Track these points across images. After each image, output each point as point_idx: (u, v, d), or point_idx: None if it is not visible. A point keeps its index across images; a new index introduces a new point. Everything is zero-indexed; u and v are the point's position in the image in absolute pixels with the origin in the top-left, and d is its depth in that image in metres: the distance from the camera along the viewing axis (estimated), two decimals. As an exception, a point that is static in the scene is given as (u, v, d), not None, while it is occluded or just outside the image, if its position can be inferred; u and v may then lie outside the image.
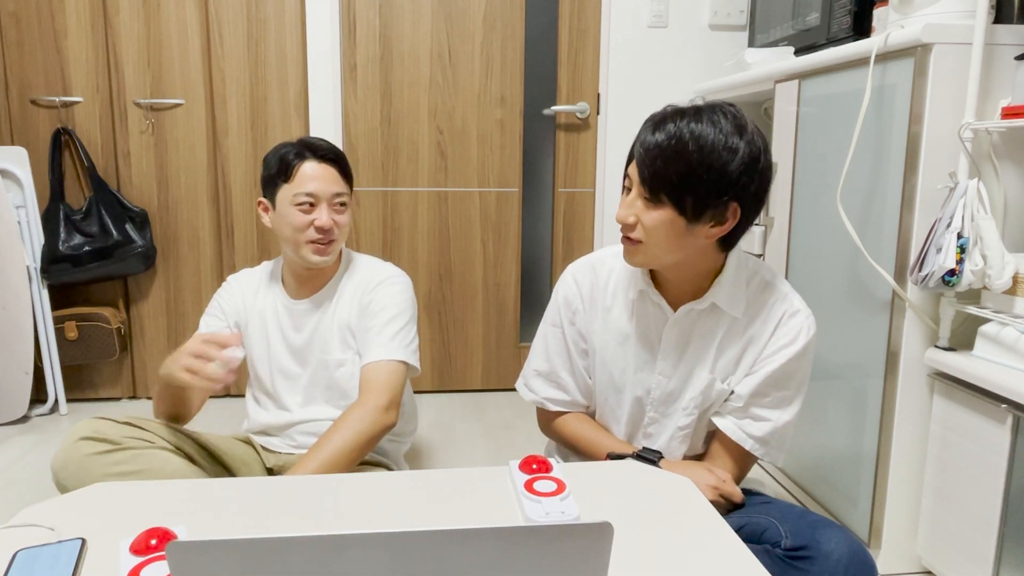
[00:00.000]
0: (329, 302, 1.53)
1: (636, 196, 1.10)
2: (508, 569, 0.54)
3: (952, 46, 1.47)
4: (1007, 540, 1.41)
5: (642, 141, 1.08)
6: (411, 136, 2.79)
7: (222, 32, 2.65)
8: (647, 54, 2.79)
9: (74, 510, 0.90)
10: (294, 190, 1.43)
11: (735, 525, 0.99)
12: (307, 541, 0.52)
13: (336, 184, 1.46)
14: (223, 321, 1.54)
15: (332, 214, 1.45)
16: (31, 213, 2.53)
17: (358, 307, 1.51)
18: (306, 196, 1.43)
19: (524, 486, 0.92)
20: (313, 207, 1.44)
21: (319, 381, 1.53)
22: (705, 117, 1.05)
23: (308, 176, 1.43)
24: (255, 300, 1.56)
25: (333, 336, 1.51)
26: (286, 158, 1.45)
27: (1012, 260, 1.44)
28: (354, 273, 1.55)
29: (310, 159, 1.44)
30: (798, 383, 1.19)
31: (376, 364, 1.43)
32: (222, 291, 1.58)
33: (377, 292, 1.50)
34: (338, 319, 1.52)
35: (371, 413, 1.36)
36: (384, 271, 1.55)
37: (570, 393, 1.29)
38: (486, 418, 2.71)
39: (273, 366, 1.55)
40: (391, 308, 1.49)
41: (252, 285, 1.58)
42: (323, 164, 1.45)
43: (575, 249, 2.94)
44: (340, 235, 1.48)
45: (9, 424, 2.54)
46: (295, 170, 1.44)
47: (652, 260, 1.13)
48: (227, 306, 1.56)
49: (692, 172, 1.04)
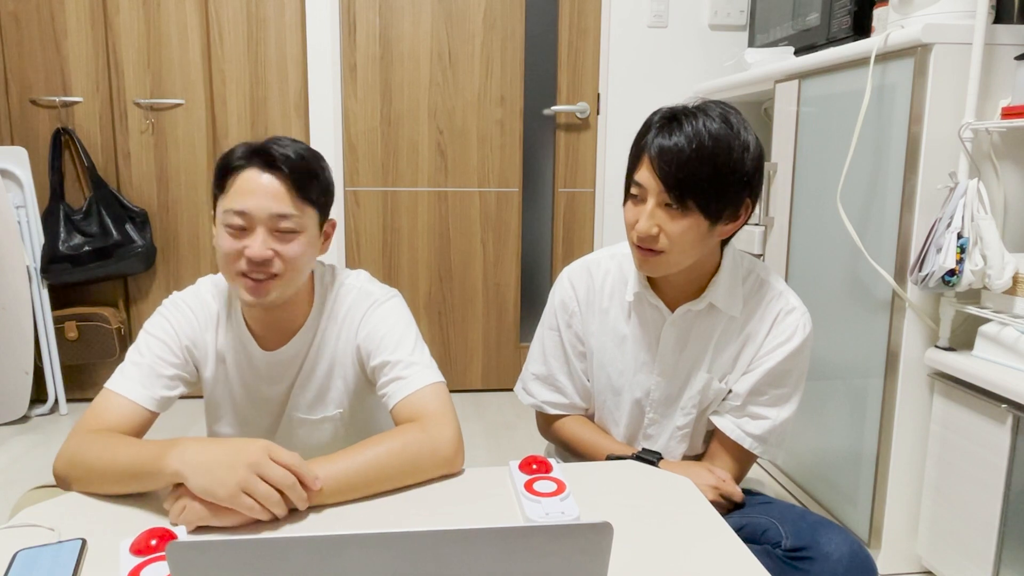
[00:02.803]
0: (308, 351, 1.19)
1: (656, 205, 1.06)
2: (508, 569, 0.54)
3: (952, 46, 1.47)
4: (1007, 540, 1.41)
5: (658, 146, 1.04)
6: (411, 136, 2.79)
7: (222, 32, 2.65)
8: (647, 54, 2.79)
9: (74, 510, 0.90)
10: (224, 205, 1.06)
11: (735, 525, 0.98)
12: (307, 541, 0.52)
13: (279, 203, 1.05)
14: (174, 355, 1.14)
15: (273, 242, 1.05)
16: (31, 213, 2.53)
17: (353, 349, 1.18)
18: (235, 215, 1.04)
19: (524, 486, 0.92)
20: (245, 232, 1.05)
21: (294, 440, 1.23)
22: (714, 115, 1.04)
23: (244, 189, 1.05)
24: (215, 338, 1.18)
25: (313, 391, 1.20)
26: (227, 162, 1.08)
27: (1012, 260, 1.44)
28: (333, 304, 1.19)
29: (255, 167, 1.05)
30: (795, 380, 1.19)
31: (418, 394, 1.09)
32: (173, 312, 1.17)
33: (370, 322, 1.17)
34: (322, 369, 1.20)
35: (432, 441, 1.01)
36: (368, 295, 1.19)
37: (568, 396, 1.29)
38: (486, 418, 2.71)
39: (238, 419, 1.24)
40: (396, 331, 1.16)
41: (206, 318, 1.18)
42: (267, 174, 1.05)
43: (575, 249, 2.94)
44: (288, 271, 1.07)
45: (9, 424, 2.54)
46: (231, 180, 1.06)
47: (672, 268, 1.11)
48: (182, 333, 1.16)
49: (718, 173, 1.03)
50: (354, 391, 1.21)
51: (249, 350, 1.18)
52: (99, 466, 0.94)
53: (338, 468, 0.93)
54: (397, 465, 0.97)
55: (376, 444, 0.98)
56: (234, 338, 1.18)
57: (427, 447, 1.00)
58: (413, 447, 0.99)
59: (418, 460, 0.98)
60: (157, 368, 1.11)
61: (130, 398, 1.07)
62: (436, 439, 1.01)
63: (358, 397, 1.22)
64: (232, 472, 0.84)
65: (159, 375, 1.11)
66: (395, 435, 1.01)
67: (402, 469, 0.97)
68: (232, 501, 0.83)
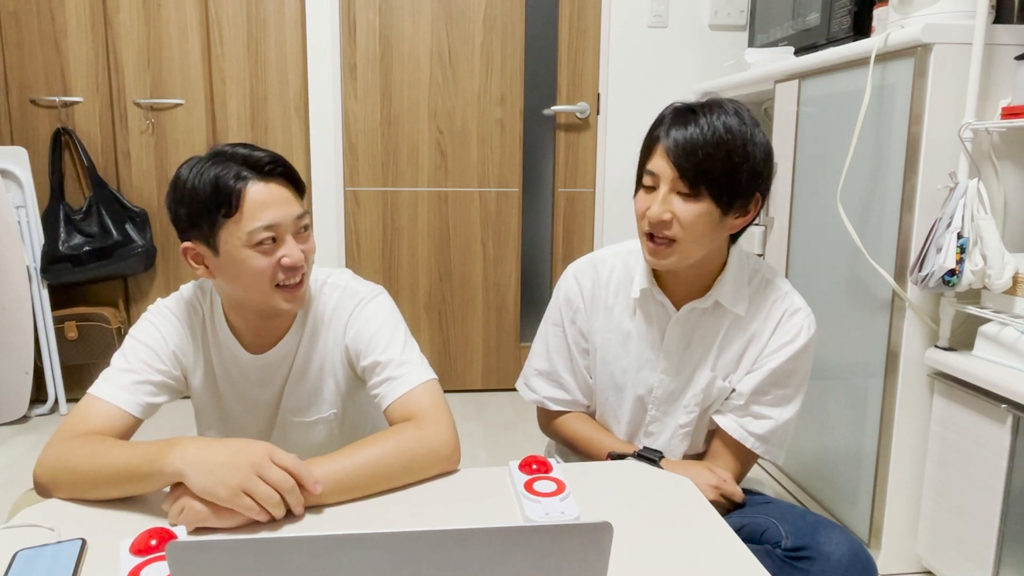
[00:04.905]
0: (296, 352, 1.18)
1: (669, 192, 1.07)
2: (508, 569, 0.54)
3: (952, 46, 1.47)
4: (1007, 540, 1.41)
5: (674, 136, 1.06)
6: (411, 136, 2.79)
7: (222, 32, 2.65)
8: (647, 54, 2.79)
9: (74, 510, 0.90)
10: (247, 227, 1.02)
11: (735, 525, 0.98)
12: (307, 541, 0.52)
13: (295, 205, 1.07)
14: (161, 362, 1.12)
15: (299, 244, 1.07)
16: (31, 213, 2.53)
17: (341, 349, 1.18)
18: (265, 232, 1.03)
19: (524, 486, 0.92)
20: (276, 242, 1.05)
21: (289, 442, 1.23)
22: (729, 110, 1.07)
23: (260, 204, 1.03)
24: (202, 343, 1.17)
25: (305, 393, 1.20)
26: (224, 183, 1.02)
27: (1012, 260, 1.44)
28: (317, 304, 1.19)
29: (255, 180, 1.03)
30: (799, 381, 1.19)
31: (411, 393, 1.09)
32: (159, 319, 1.15)
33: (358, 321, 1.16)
34: (312, 370, 1.19)
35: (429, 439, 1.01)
36: (354, 294, 1.18)
37: (571, 393, 1.29)
38: (486, 418, 2.71)
39: (229, 424, 1.23)
40: (385, 329, 1.15)
41: (193, 324, 1.17)
42: (270, 183, 1.05)
43: (575, 249, 2.94)
44: (310, 268, 1.11)
45: (9, 424, 2.54)
46: (241, 199, 1.02)
47: (683, 259, 1.11)
48: (170, 339, 1.13)
49: (731, 163, 1.05)
50: (346, 391, 1.21)
51: (236, 354, 1.17)
52: (90, 470, 0.92)
53: (336, 468, 0.93)
54: (395, 464, 0.97)
55: (373, 444, 0.98)
56: (221, 343, 1.17)
57: (424, 446, 1.00)
58: (410, 446, 0.99)
59: (416, 459, 0.98)
60: (143, 374, 1.09)
61: (115, 404, 1.06)
62: (433, 437, 1.01)
63: (350, 397, 1.22)
64: (234, 472, 0.84)
65: (145, 381, 1.09)
66: (392, 434, 1.01)
67: (400, 468, 0.97)
68: (232, 501, 0.83)
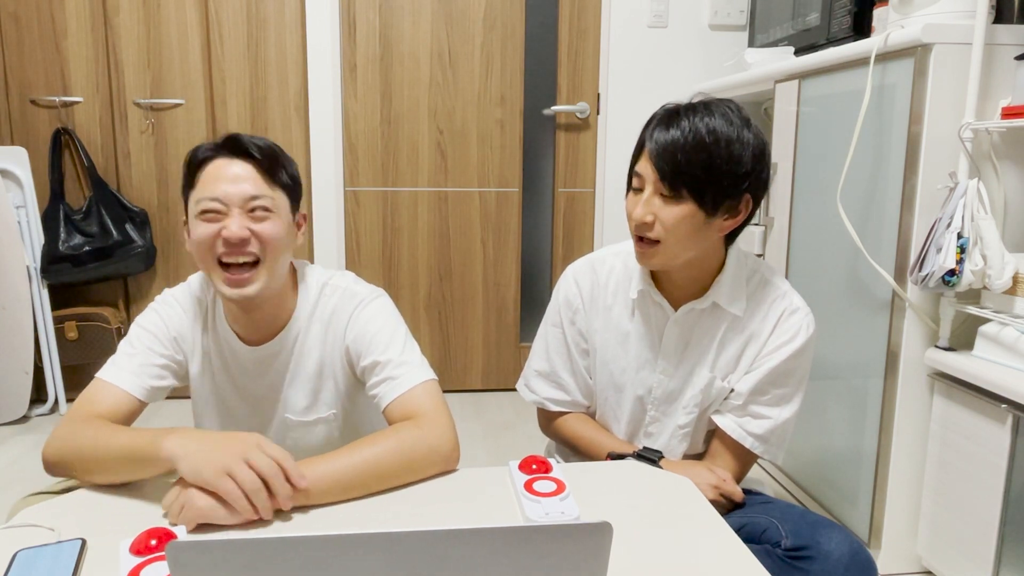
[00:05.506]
0: (292, 350, 1.18)
1: (652, 194, 1.09)
2: (508, 569, 0.54)
3: (952, 46, 1.47)
4: (1007, 540, 1.41)
5: (656, 139, 1.07)
6: (411, 136, 2.79)
7: (222, 32, 2.65)
8: (647, 54, 2.79)
9: (74, 510, 0.90)
10: (197, 195, 1.06)
11: (735, 525, 0.98)
12: (307, 541, 0.52)
13: (253, 184, 1.06)
14: (163, 346, 1.15)
15: (249, 222, 1.05)
16: (31, 213, 2.53)
17: (341, 350, 1.18)
18: (209, 201, 1.04)
19: (524, 486, 0.92)
20: (221, 217, 1.05)
21: (288, 442, 1.22)
22: (715, 111, 1.07)
23: (215, 177, 1.06)
24: (201, 332, 1.19)
25: (304, 392, 1.19)
26: (193, 156, 1.09)
27: (1012, 260, 1.44)
28: (318, 304, 1.18)
29: (222, 157, 1.07)
30: (797, 381, 1.19)
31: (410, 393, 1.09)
32: (163, 307, 1.18)
33: (358, 322, 1.16)
34: (308, 369, 1.18)
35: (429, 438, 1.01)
36: (354, 295, 1.18)
37: (571, 393, 1.29)
38: (486, 418, 2.71)
39: (226, 417, 1.23)
40: (385, 330, 1.15)
41: (194, 312, 1.19)
42: (237, 160, 1.07)
43: (575, 249, 2.94)
44: (267, 255, 1.07)
45: (9, 424, 2.54)
46: (200, 170, 1.08)
47: (669, 260, 1.12)
48: (171, 325, 1.16)
49: (713, 165, 1.05)
50: (345, 392, 1.21)
51: (233, 345, 1.17)
52: (93, 452, 0.95)
53: (335, 467, 0.93)
54: (394, 463, 0.97)
55: (372, 443, 0.98)
56: (220, 333, 1.18)
57: (423, 445, 1.00)
58: (410, 445, 0.99)
59: (415, 458, 0.98)
60: (147, 358, 1.13)
61: (121, 387, 1.09)
62: (432, 437, 1.01)
63: (350, 398, 1.22)
64: (221, 455, 0.86)
65: (149, 364, 1.12)
66: (391, 433, 1.01)
67: (399, 467, 0.97)
68: (215, 482, 0.84)
